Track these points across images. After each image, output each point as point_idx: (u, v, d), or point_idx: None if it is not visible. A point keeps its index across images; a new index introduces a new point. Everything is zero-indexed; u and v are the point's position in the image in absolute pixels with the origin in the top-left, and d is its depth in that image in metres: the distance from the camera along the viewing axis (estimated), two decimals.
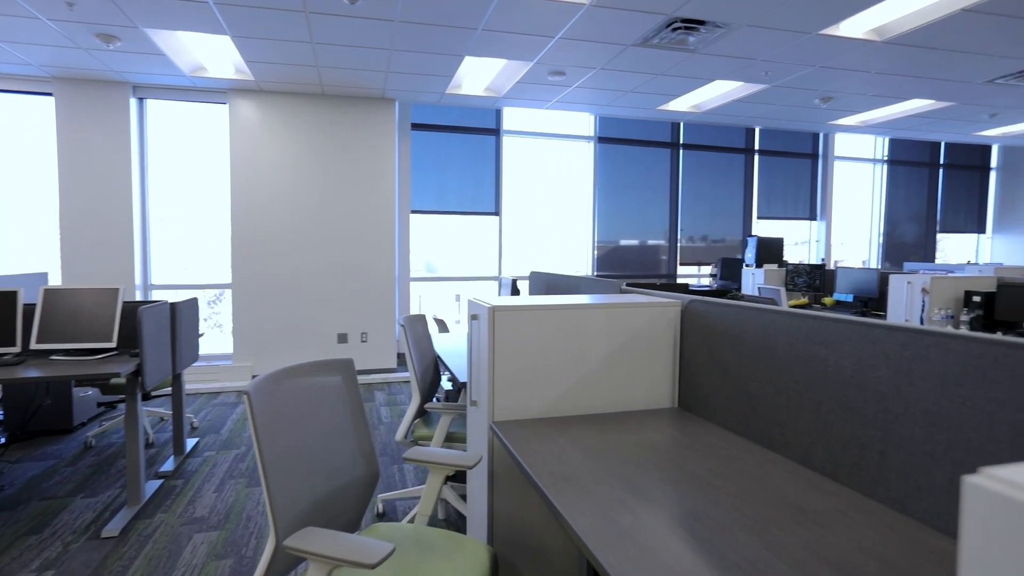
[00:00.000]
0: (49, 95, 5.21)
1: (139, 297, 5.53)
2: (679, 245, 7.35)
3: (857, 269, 5.33)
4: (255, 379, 1.37)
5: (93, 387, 4.32)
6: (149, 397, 4.41)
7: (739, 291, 6.16)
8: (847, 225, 8.25)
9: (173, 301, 3.45)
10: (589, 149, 6.88)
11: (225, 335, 6.22)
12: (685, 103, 5.97)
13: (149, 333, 2.91)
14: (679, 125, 7.12)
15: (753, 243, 6.43)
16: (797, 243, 8.01)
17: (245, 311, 5.59)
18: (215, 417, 4.58)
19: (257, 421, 1.30)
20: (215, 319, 6.44)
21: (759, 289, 5.78)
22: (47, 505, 2.97)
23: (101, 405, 4.64)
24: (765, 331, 1.62)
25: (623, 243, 7.12)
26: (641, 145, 7.02)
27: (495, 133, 6.49)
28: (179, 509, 2.94)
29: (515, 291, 4.00)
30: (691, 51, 4.30)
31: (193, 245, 5.82)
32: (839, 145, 7.89)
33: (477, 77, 5.31)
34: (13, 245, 5.42)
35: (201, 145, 5.68)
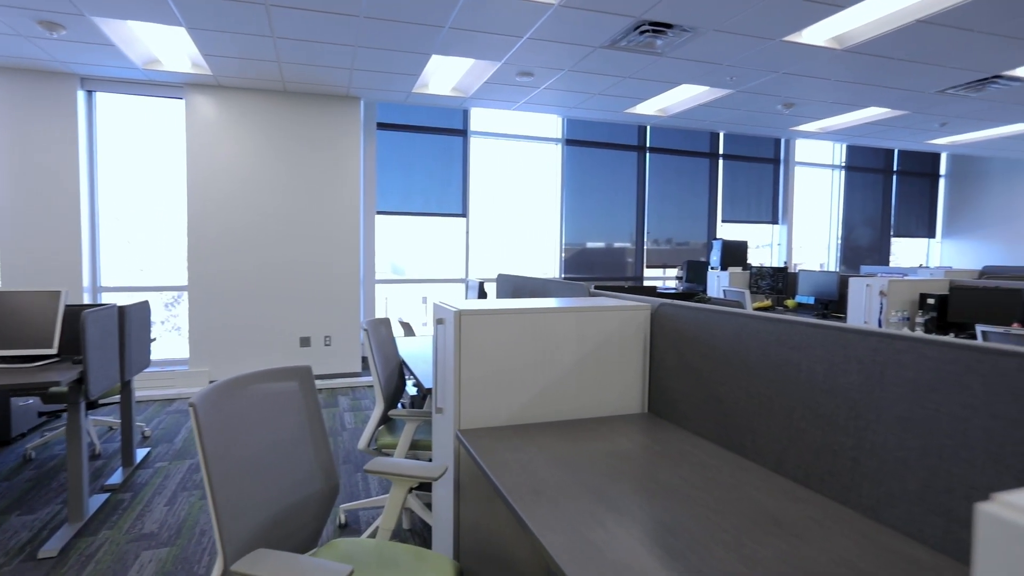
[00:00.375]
0: None
1: (87, 300, 5.25)
2: (645, 248, 7.40)
3: (818, 272, 5.44)
4: (202, 389, 1.27)
5: (32, 396, 4.08)
6: (96, 405, 4.18)
7: (705, 293, 6.23)
8: (807, 229, 8.46)
9: (122, 304, 3.27)
10: (557, 151, 6.86)
11: (184, 339, 5.98)
12: (652, 106, 6.01)
13: (94, 338, 2.74)
14: (646, 128, 7.17)
15: (718, 246, 6.52)
16: (759, 246, 8.17)
17: (202, 314, 5.37)
18: (169, 425, 4.38)
19: (204, 435, 1.21)
20: (173, 322, 6.19)
21: (724, 291, 5.86)
22: None
23: (43, 415, 4.38)
24: (736, 335, 1.60)
25: (590, 245, 7.13)
26: (608, 148, 7.05)
27: (462, 134, 6.42)
28: (126, 525, 2.78)
29: (482, 294, 3.94)
30: (658, 54, 4.31)
31: (150, 246, 5.57)
32: (800, 151, 8.08)
33: (444, 76, 5.23)
34: None
35: (156, 141, 5.45)
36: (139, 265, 5.57)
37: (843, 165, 8.54)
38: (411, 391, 3.81)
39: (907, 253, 9.49)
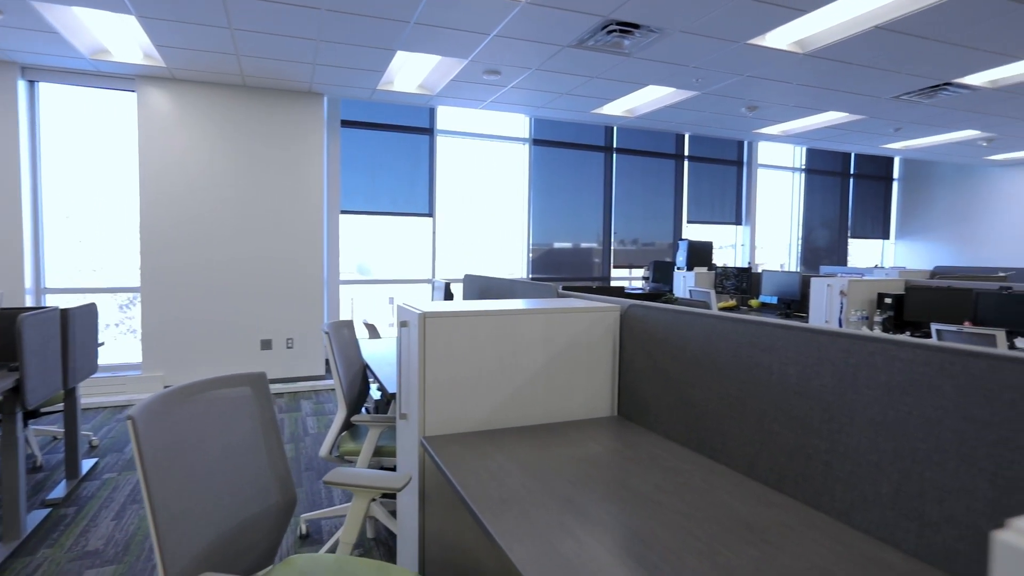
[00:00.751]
0: None
1: (30, 303, 4.97)
2: (612, 248, 7.43)
3: (781, 272, 5.54)
4: (143, 400, 1.17)
5: None
6: (38, 414, 3.95)
7: (672, 293, 6.28)
8: (768, 230, 8.64)
9: (65, 307, 3.08)
10: (524, 151, 6.83)
11: (140, 342, 5.72)
12: (619, 107, 6.02)
13: (32, 344, 2.57)
14: (613, 129, 7.20)
15: (684, 246, 6.58)
16: (722, 247, 8.30)
17: (156, 316, 5.14)
18: (119, 434, 4.17)
19: (144, 450, 1.11)
20: (128, 324, 5.91)
21: (690, 291, 5.91)
22: None
23: None
24: (707, 337, 1.58)
25: (557, 246, 7.12)
26: (576, 148, 7.05)
27: (429, 133, 6.33)
28: (68, 542, 2.61)
29: (448, 295, 3.86)
30: (626, 55, 4.31)
31: (104, 245, 5.30)
32: (762, 153, 8.24)
33: (410, 73, 5.13)
34: None
35: (108, 136, 5.19)
36: (92, 265, 5.30)
37: (803, 168, 8.75)
38: (375, 395, 3.71)
39: (863, 254, 9.79)
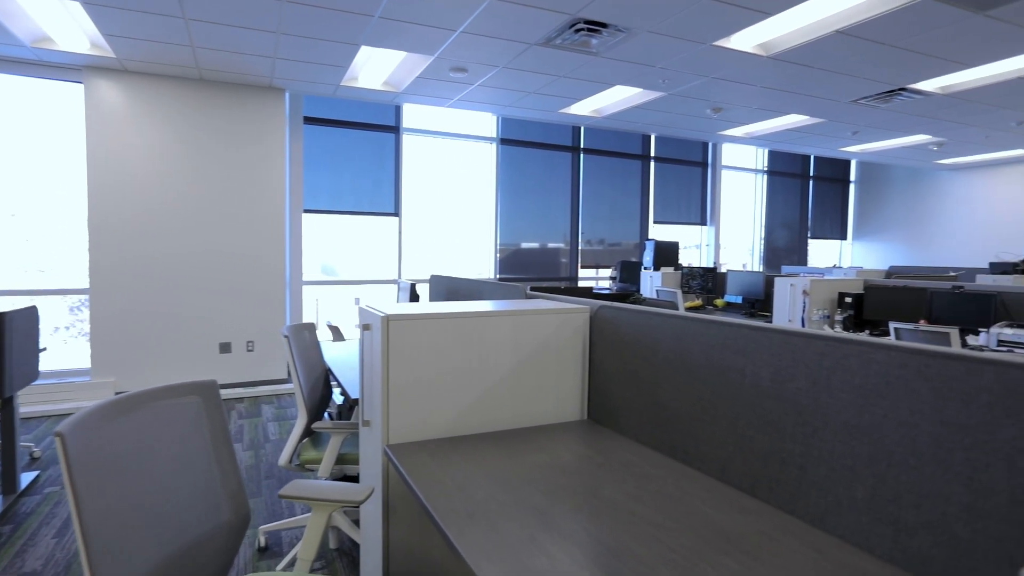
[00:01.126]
0: None
1: None
2: (580, 248, 7.43)
3: (745, 272, 5.62)
4: (76, 414, 1.07)
5: None
6: None
7: (639, 293, 6.31)
8: (732, 230, 8.78)
9: (2, 311, 2.89)
10: (491, 150, 6.77)
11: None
12: (586, 107, 6.02)
13: None
14: (580, 129, 7.20)
15: (651, 247, 6.62)
16: (686, 247, 8.40)
17: (107, 319, 4.89)
18: None
19: (74, 470, 1.02)
20: (80, 327, 5.62)
21: (657, 291, 5.95)
22: None
23: None
24: (679, 339, 1.55)
25: (525, 246, 7.08)
26: (543, 148, 7.02)
27: (395, 131, 6.21)
28: (3, 564, 2.44)
29: (414, 296, 3.78)
30: (593, 54, 4.30)
31: (53, 245, 5.02)
32: (726, 155, 8.37)
33: (375, 70, 5.01)
34: None
35: (55, 130, 4.91)
36: (40, 266, 5.02)
37: (765, 169, 8.93)
38: (338, 399, 3.60)
39: (822, 254, 10.06)
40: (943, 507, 0.95)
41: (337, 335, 4.27)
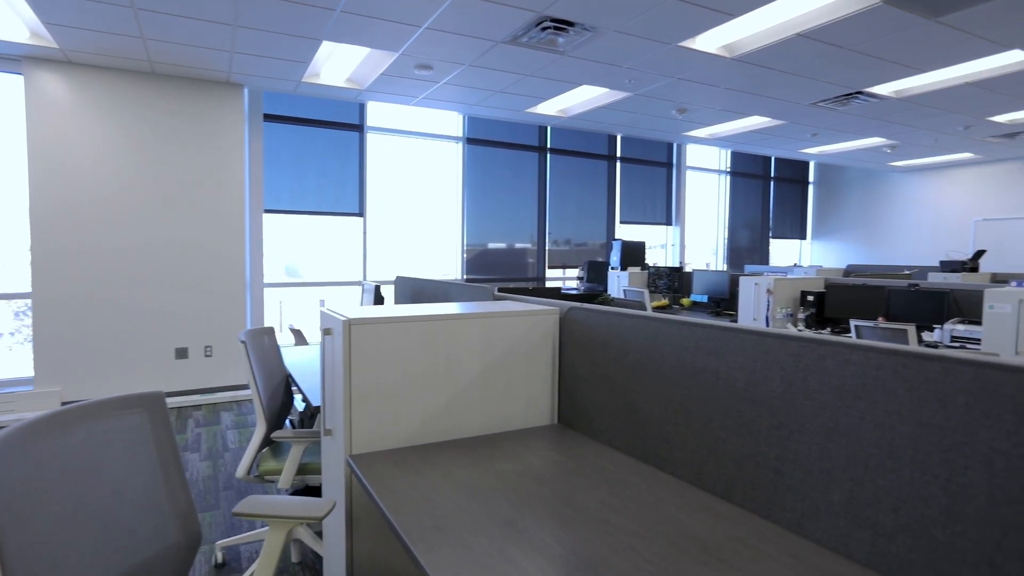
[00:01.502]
0: None
1: None
2: (547, 248, 7.42)
3: (711, 272, 5.68)
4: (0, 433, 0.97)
5: None
6: None
7: (607, 293, 6.32)
8: (696, 230, 8.91)
9: None
10: (458, 150, 6.69)
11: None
12: (553, 107, 6.00)
13: None
14: (546, 129, 7.18)
15: (618, 246, 6.65)
16: (652, 247, 8.47)
17: (51, 324, 4.63)
18: None
19: None
20: (27, 332, 5.31)
21: (624, 291, 5.97)
22: None
23: None
24: (651, 340, 1.51)
25: (492, 246, 7.03)
26: (510, 148, 6.98)
27: (359, 129, 6.07)
28: None
29: (379, 298, 3.68)
30: (560, 53, 4.27)
31: None
32: (690, 156, 8.48)
33: (338, 66, 4.89)
34: None
35: None
36: None
37: (728, 170, 9.09)
38: (300, 406, 3.47)
39: (782, 253, 10.30)
40: (922, 510, 0.93)
41: (300, 339, 4.13)
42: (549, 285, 7.45)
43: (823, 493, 1.08)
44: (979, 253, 6.53)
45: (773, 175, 9.73)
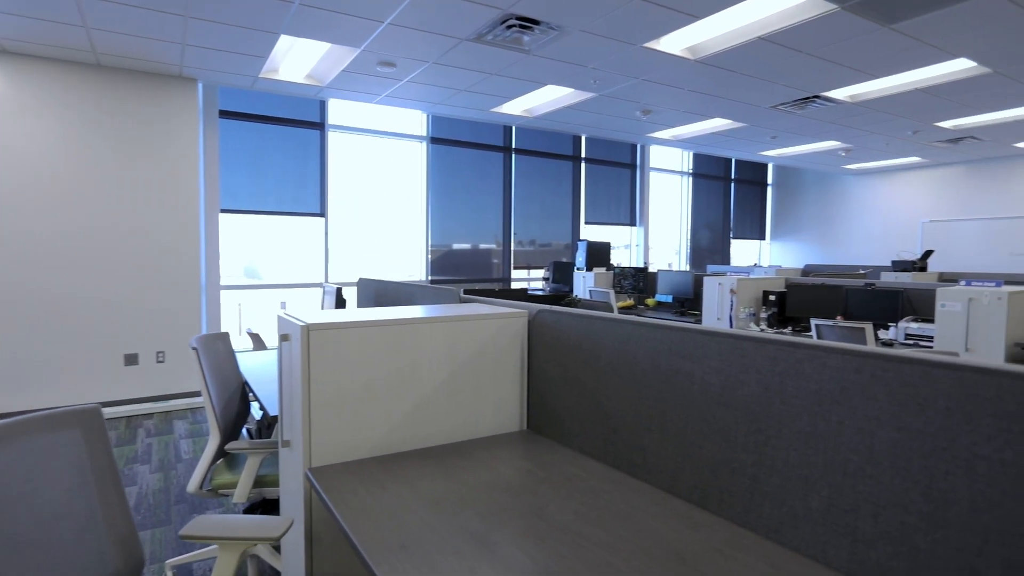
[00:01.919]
0: None
1: None
2: (512, 249, 7.38)
3: (675, 272, 5.73)
4: None
5: None
6: None
7: (573, 294, 6.31)
8: (659, 231, 9.01)
9: None
10: (422, 149, 6.59)
11: None
12: (518, 106, 5.96)
13: None
14: (511, 129, 7.14)
15: (583, 247, 6.65)
16: (616, 247, 8.53)
17: None
18: None
19: None
20: None
21: (590, 292, 5.97)
22: None
23: None
24: (623, 343, 1.48)
25: (457, 247, 6.95)
26: (474, 148, 6.91)
27: (320, 127, 5.91)
28: None
29: (340, 301, 3.57)
30: (525, 51, 4.23)
31: None
32: (653, 157, 8.57)
33: (297, 61, 4.73)
34: None
35: None
36: None
37: (690, 172, 9.22)
38: (257, 414, 3.33)
39: (743, 253, 10.51)
40: (902, 516, 0.91)
41: (258, 343, 3.98)
42: (515, 286, 7.41)
43: (801, 500, 1.06)
44: (927, 253, 6.78)
45: (734, 177, 9.93)
